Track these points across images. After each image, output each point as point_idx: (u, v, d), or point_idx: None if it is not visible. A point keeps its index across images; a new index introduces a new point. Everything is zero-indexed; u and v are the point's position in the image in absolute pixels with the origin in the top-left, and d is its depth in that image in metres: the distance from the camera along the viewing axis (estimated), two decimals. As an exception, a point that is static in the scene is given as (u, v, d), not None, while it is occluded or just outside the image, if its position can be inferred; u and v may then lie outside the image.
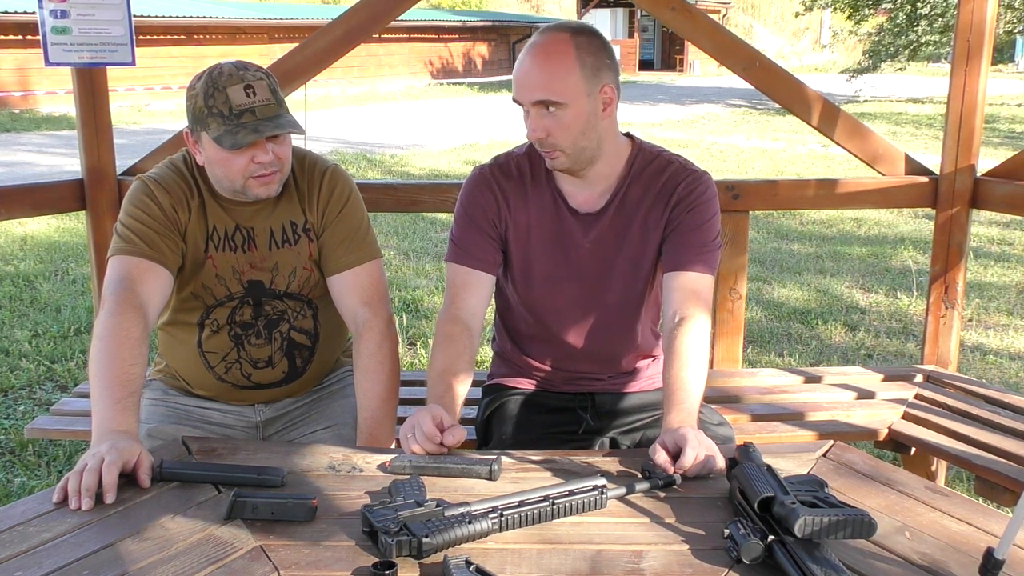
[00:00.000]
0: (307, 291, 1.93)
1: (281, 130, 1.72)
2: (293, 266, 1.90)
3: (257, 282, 1.88)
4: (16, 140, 11.97)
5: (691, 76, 31.01)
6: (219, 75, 1.72)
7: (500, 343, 2.02)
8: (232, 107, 1.69)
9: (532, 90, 1.69)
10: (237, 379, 1.94)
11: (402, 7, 2.89)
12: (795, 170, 10.48)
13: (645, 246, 1.83)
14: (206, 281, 1.86)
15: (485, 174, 1.86)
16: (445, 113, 16.99)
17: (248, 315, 1.90)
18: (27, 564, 1.22)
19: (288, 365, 1.96)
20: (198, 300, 1.88)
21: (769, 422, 2.50)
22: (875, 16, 21.17)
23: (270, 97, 1.73)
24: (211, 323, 1.90)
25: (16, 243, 6.46)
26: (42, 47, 2.49)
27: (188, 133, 1.79)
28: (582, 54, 1.68)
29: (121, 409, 1.54)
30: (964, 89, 2.74)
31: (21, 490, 3.03)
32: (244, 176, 1.75)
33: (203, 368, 1.93)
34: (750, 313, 4.92)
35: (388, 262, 6.18)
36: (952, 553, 1.25)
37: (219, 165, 1.76)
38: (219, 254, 1.85)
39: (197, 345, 1.92)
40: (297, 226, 1.89)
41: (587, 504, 1.36)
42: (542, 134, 1.70)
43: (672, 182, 1.81)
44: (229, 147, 1.69)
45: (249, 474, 1.44)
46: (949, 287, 2.85)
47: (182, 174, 1.86)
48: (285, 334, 1.94)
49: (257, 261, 1.88)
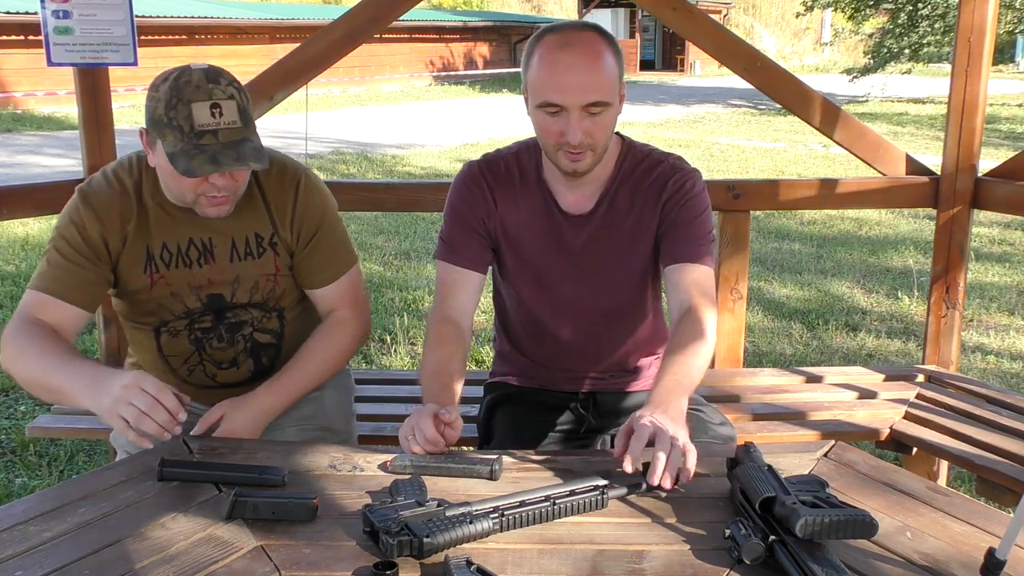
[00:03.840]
0: (272, 302, 1.85)
1: (241, 164, 1.60)
2: (255, 279, 1.81)
3: (217, 295, 1.79)
4: (16, 140, 11.98)
5: (692, 76, 31.01)
6: (185, 84, 1.59)
7: (500, 342, 2.02)
8: (194, 126, 1.58)
9: (586, 92, 1.61)
10: (201, 380, 1.86)
11: (403, 7, 2.89)
12: (796, 170, 10.48)
13: (639, 246, 1.82)
14: (161, 300, 1.77)
15: (474, 171, 1.83)
16: (446, 113, 16.99)
17: (208, 322, 1.82)
18: (28, 564, 1.22)
19: (254, 364, 1.88)
20: (154, 316, 1.80)
21: (770, 422, 2.50)
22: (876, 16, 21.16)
23: (236, 119, 1.61)
24: (168, 330, 1.82)
25: (17, 243, 6.47)
26: (44, 47, 2.50)
27: (144, 132, 1.68)
28: (614, 53, 1.66)
29: (91, 364, 1.61)
30: (965, 89, 2.74)
31: (22, 490, 3.03)
32: (196, 193, 1.66)
33: (166, 370, 1.85)
34: (751, 313, 4.92)
35: (388, 263, 6.18)
36: (953, 553, 1.25)
37: (171, 177, 1.66)
38: (171, 272, 1.75)
39: (157, 350, 1.84)
40: (263, 239, 1.79)
41: (588, 504, 1.36)
42: (585, 137, 1.64)
43: (661, 179, 1.79)
44: (182, 171, 1.58)
45: (250, 474, 1.44)
46: (950, 287, 2.85)
47: (123, 190, 1.73)
48: (248, 336, 1.85)
49: (216, 275, 1.77)
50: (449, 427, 1.52)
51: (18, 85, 15.34)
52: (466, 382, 2.34)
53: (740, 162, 11.30)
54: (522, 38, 27.82)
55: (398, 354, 4.40)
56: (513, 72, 26.09)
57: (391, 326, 4.74)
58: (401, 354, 4.40)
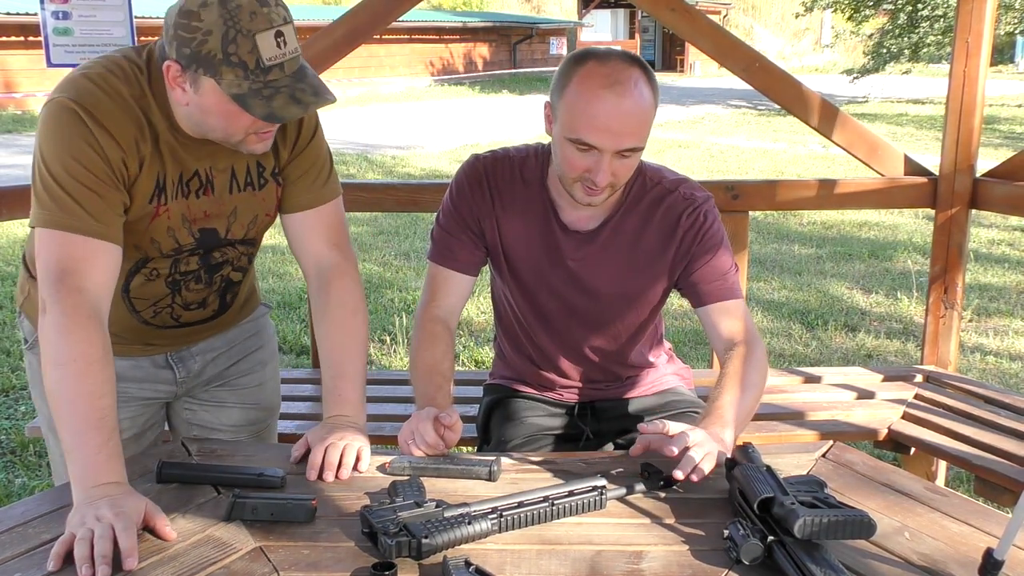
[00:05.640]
0: (258, 235, 1.70)
1: (322, 101, 1.41)
2: (255, 213, 1.63)
3: (211, 230, 1.60)
4: (17, 142, 11.98)
5: (692, 77, 31.00)
6: (238, 10, 1.34)
7: (499, 344, 2.02)
8: (260, 61, 1.35)
9: (624, 138, 1.54)
10: (164, 321, 1.69)
11: (403, 8, 2.89)
12: (795, 171, 10.49)
13: (644, 272, 1.77)
14: (155, 235, 1.55)
15: (479, 169, 1.78)
16: (446, 114, 16.99)
17: (194, 263, 1.63)
18: (27, 565, 1.22)
19: (219, 303, 1.74)
20: (139, 251, 1.57)
21: (769, 422, 2.50)
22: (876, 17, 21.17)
23: (296, 44, 1.41)
24: (148, 272, 1.61)
25: (17, 244, 6.46)
26: (44, 48, 2.50)
27: (174, 66, 1.38)
28: (653, 91, 1.58)
29: (105, 458, 1.31)
30: (963, 89, 2.74)
31: (22, 490, 3.04)
32: (247, 132, 1.44)
33: (124, 312, 1.64)
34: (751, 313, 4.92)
35: (388, 263, 6.19)
36: (952, 553, 1.25)
37: (220, 117, 1.42)
38: (172, 203, 1.53)
39: (122, 290, 1.60)
40: (264, 169, 1.61)
41: (587, 505, 1.36)
42: (612, 179, 1.58)
43: (674, 212, 1.73)
44: (262, 116, 1.36)
45: (249, 475, 1.44)
46: (949, 288, 2.85)
47: (129, 107, 1.45)
48: (226, 276, 1.70)
49: (212, 208, 1.58)
50: (449, 430, 1.52)
51: (19, 86, 15.34)
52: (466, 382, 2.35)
53: (740, 162, 11.31)
54: (522, 39, 27.83)
55: (397, 354, 4.41)
56: (513, 73, 26.11)
57: (391, 326, 4.74)
58: (400, 354, 4.40)
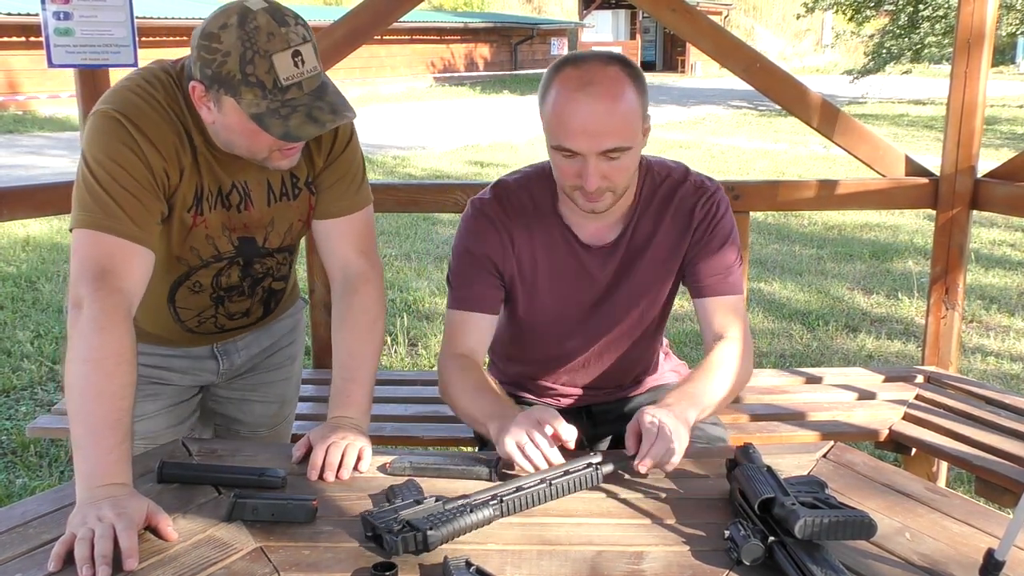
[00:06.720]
0: (295, 241, 1.74)
1: (340, 118, 1.42)
2: (290, 222, 1.68)
3: (249, 239, 1.64)
4: (19, 142, 11.99)
5: (693, 77, 31.02)
6: (256, 31, 1.35)
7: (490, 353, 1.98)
8: (278, 81, 1.37)
9: (603, 139, 1.50)
10: (209, 329, 1.76)
11: (404, 8, 2.89)
12: (796, 171, 10.48)
13: (663, 273, 1.75)
14: (194, 243, 1.60)
15: (485, 210, 1.72)
16: (447, 114, 16.99)
17: (236, 276, 1.68)
18: (28, 565, 1.22)
19: (263, 311, 1.81)
20: (181, 263, 1.62)
21: (769, 422, 2.50)
22: (877, 18, 21.16)
23: (316, 64, 1.41)
24: (192, 285, 1.66)
25: (18, 244, 6.47)
26: (45, 49, 2.50)
27: (199, 86, 1.42)
28: (637, 89, 1.54)
29: (116, 459, 1.31)
30: (964, 90, 2.74)
31: (23, 491, 3.04)
32: (270, 149, 1.48)
33: (169, 319, 1.70)
34: (751, 314, 4.92)
35: (388, 264, 6.19)
36: (952, 554, 1.25)
37: (242, 135, 1.45)
38: (212, 214, 1.58)
39: (168, 300, 1.67)
40: (298, 179, 1.65)
41: (583, 481, 1.38)
42: (602, 181, 1.54)
43: (687, 203, 1.70)
44: (279, 136, 1.39)
45: (250, 475, 1.44)
46: (950, 288, 2.85)
47: (170, 118, 1.48)
48: (267, 287, 1.77)
49: (252, 219, 1.63)
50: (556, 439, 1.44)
51: (20, 87, 15.35)
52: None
53: (740, 163, 11.31)
54: (523, 39, 27.84)
55: (398, 354, 4.41)
56: (514, 74, 26.11)
57: (391, 327, 4.74)
58: (401, 355, 4.40)
